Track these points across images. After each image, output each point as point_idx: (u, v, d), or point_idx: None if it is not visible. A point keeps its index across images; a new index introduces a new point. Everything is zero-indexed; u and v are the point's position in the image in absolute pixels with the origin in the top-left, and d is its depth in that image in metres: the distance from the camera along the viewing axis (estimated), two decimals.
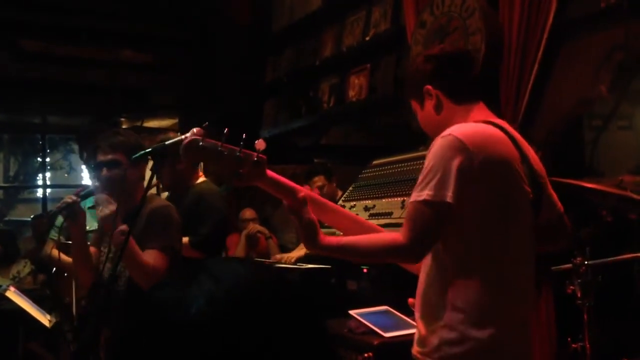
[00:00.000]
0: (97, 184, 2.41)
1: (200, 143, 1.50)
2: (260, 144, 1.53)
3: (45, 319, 3.39)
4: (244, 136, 1.54)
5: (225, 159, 1.50)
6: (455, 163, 1.50)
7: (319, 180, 4.14)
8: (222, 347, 0.59)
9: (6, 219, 11.68)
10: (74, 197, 2.35)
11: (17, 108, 6.27)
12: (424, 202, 1.50)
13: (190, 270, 0.67)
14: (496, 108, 2.84)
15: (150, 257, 2.33)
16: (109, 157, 2.39)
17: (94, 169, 2.46)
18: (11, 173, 12.80)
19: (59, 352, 4.18)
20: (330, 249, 1.61)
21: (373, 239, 1.61)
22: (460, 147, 1.51)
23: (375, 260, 1.74)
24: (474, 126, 1.61)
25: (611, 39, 2.82)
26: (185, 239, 2.93)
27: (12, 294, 3.42)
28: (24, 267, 5.13)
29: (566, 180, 2.13)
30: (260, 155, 1.53)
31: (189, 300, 0.61)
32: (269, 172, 1.56)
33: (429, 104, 1.69)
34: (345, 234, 1.69)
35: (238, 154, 1.51)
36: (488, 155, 1.53)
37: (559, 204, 1.77)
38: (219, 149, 1.50)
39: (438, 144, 1.54)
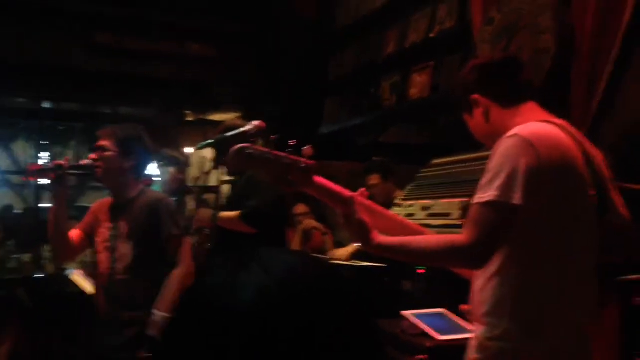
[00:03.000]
0: (87, 165, 2.53)
1: (249, 151, 1.52)
2: (307, 150, 1.54)
3: None
4: (292, 142, 1.56)
5: (273, 166, 1.52)
6: (523, 164, 1.45)
7: (374, 179, 4.11)
8: (270, 337, 0.59)
9: (76, 204, 12.17)
10: (64, 163, 2.49)
11: (89, 99, 6.52)
12: (489, 203, 1.45)
13: (241, 257, 0.66)
14: (565, 110, 2.74)
15: (179, 251, 2.52)
16: (101, 142, 2.54)
17: (91, 151, 2.59)
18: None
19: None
20: (385, 248, 1.59)
21: (431, 239, 1.58)
22: (527, 147, 1.47)
23: (431, 261, 1.68)
24: (540, 126, 1.56)
25: None
26: (236, 213, 3.01)
27: (77, 277, 3.57)
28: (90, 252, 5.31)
29: (636, 187, 2.03)
30: (308, 161, 1.54)
31: (238, 287, 0.61)
32: (317, 178, 1.57)
33: (478, 112, 1.70)
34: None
35: (286, 161, 1.52)
36: (554, 156, 1.48)
37: (625, 211, 1.69)
38: (267, 156, 1.52)
39: (504, 144, 1.50)
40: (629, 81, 2.71)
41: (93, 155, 2.54)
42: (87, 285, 3.55)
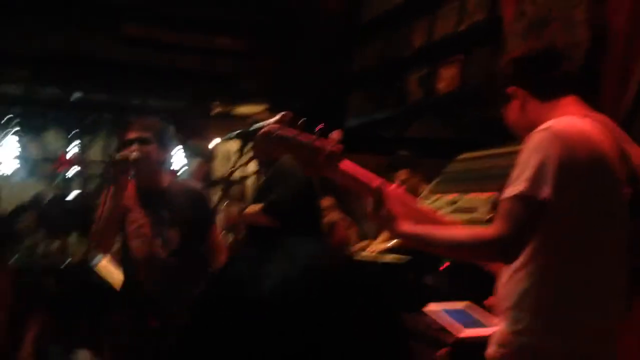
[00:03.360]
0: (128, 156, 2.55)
1: (278, 132, 1.53)
2: (336, 134, 1.54)
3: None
4: (320, 126, 1.55)
5: (300, 149, 1.52)
6: (553, 157, 1.42)
7: (403, 174, 4.09)
8: (292, 325, 0.59)
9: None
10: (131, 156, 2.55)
11: (118, 89, 6.60)
12: (518, 196, 1.43)
13: (266, 247, 0.66)
14: (595, 104, 2.68)
15: (217, 241, 2.64)
16: (140, 134, 2.61)
17: (123, 146, 2.64)
18: (110, 151, 13.53)
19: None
20: (410, 236, 1.58)
21: (459, 230, 1.57)
22: (558, 141, 1.44)
23: (457, 253, 1.65)
24: (572, 120, 1.54)
25: None
26: (259, 206, 3.03)
27: (103, 266, 3.62)
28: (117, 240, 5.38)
29: None
30: (335, 147, 1.53)
31: (262, 277, 0.61)
32: (346, 163, 1.56)
33: (516, 105, 1.68)
34: None
35: (313, 143, 1.52)
36: (584, 151, 1.46)
37: None
38: (295, 138, 1.52)
39: (536, 138, 1.48)
40: None
41: (134, 147, 2.57)
42: (114, 275, 3.59)
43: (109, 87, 6.44)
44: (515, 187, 1.44)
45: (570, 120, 1.54)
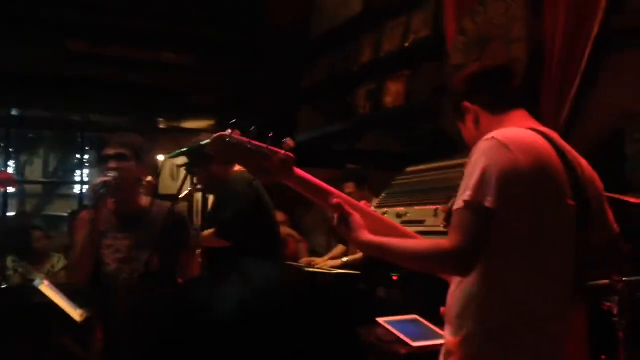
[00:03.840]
0: (103, 177, 2.47)
1: (228, 139, 1.51)
2: (288, 141, 1.53)
3: (76, 314, 3.44)
4: (270, 134, 1.55)
5: (252, 155, 1.51)
6: (497, 165, 1.43)
7: (349, 187, 4.13)
8: (249, 346, 0.59)
9: (43, 213, 11.96)
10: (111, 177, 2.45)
11: (59, 106, 6.42)
12: (466, 204, 1.43)
13: (222, 269, 0.66)
14: (536, 119, 2.78)
15: (193, 263, 2.48)
16: (118, 150, 2.52)
17: (100, 161, 2.55)
18: (50, 169, 13.12)
19: (89, 347, 4.24)
20: (371, 246, 1.58)
21: (419, 242, 1.57)
22: (502, 149, 1.45)
23: (417, 264, 1.64)
24: (517, 131, 1.56)
25: None
26: (212, 230, 2.99)
27: (46, 288, 3.49)
28: (58, 262, 5.22)
29: (608, 195, 2.07)
30: (288, 153, 1.53)
31: (218, 299, 0.61)
32: (298, 171, 1.56)
33: (469, 119, 1.71)
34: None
35: (265, 150, 1.52)
36: (531, 161, 1.46)
37: (615, 225, 1.67)
38: (246, 145, 1.52)
39: (480, 147, 1.50)
40: (598, 90, 2.78)
41: (112, 164, 2.48)
42: (56, 296, 3.47)
43: (49, 103, 6.26)
44: (462, 197, 1.45)
45: (516, 131, 1.56)
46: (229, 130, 1.61)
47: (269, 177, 1.55)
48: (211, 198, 5.46)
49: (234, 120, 1.84)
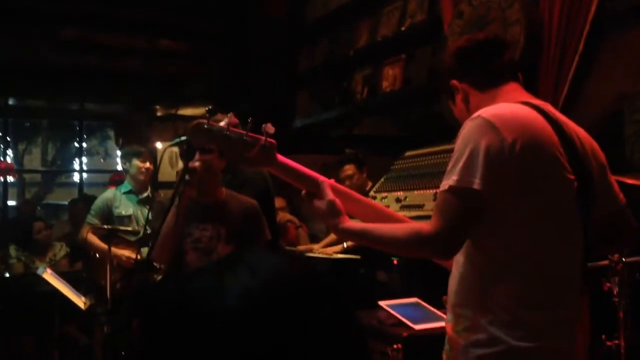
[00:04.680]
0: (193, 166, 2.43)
1: (206, 126, 1.49)
2: (268, 127, 1.50)
3: (80, 301, 3.47)
4: (249, 120, 1.52)
5: (232, 143, 1.49)
6: (483, 146, 1.36)
7: (350, 169, 4.14)
8: (256, 338, 0.59)
9: (44, 202, 11.97)
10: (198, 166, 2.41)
11: (56, 95, 6.40)
12: (451, 189, 1.38)
13: (226, 260, 0.67)
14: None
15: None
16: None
17: (186, 154, 2.51)
18: (49, 158, 13.10)
19: (93, 335, 4.27)
20: (352, 233, 1.55)
21: (398, 227, 1.52)
22: (489, 128, 1.38)
23: (398, 250, 1.61)
24: (506, 106, 1.48)
25: None
26: None
27: (49, 276, 3.51)
28: (59, 250, 5.24)
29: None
30: (269, 139, 1.50)
31: (225, 291, 0.62)
32: (281, 158, 1.53)
33: (459, 98, 1.64)
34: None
35: (245, 137, 1.49)
36: (521, 138, 1.37)
37: (621, 196, 1.59)
38: (226, 132, 1.49)
39: (466, 127, 1.44)
40: (596, 72, 2.78)
41: (199, 156, 2.45)
42: (59, 284, 3.50)
43: (46, 92, 6.24)
44: (448, 180, 1.40)
45: (505, 107, 1.48)
46: (229, 115, 1.59)
47: (251, 164, 1.53)
48: None
49: (210, 107, 1.84)
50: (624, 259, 2.23)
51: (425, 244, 1.41)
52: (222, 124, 1.53)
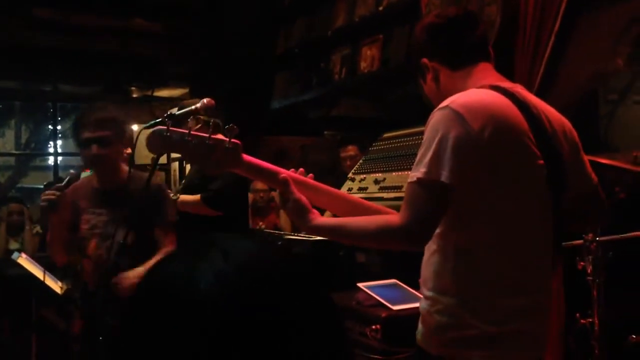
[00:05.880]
0: (85, 160, 2.43)
1: (165, 134, 1.44)
2: (232, 128, 1.46)
3: (57, 286, 3.43)
4: (211, 122, 1.51)
5: (194, 148, 1.44)
6: (452, 137, 1.36)
7: (352, 150, 4.11)
8: (231, 322, 0.59)
9: (18, 185, 11.79)
10: (56, 193, 2.37)
11: (28, 76, 6.27)
12: (419, 181, 1.38)
13: (199, 245, 0.66)
14: (510, 80, 2.79)
15: (166, 238, 2.51)
16: (98, 134, 2.42)
17: (80, 145, 2.46)
18: (22, 141, 12.88)
19: (70, 320, 4.24)
20: (322, 230, 1.53)
21: (367, 220, 1.50)
22: (456, 119, 1.37)
23: (370, 243, 1.59)
24: (475, 94, 1.46)
25: (630, 12, 2.75)
26: (197, 196, 2.98)
27: (24, 261, 3.47)
28: (34, 233, 5.22)
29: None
30: (233, 140, 1.46)
31: (199, 275, 0.61)
32: (247, 157, 1.49)
33: (429, 77, 1.61)
34: (340, 217, 1.60)
35: (207, 141, 1.44)
36: (489, 126, 1.38)
37: (593, 175, 1.61)
38: (186, 138, 1.44)
39: (434, 118, 1.42)
40: (572, 51, 2.79)
41: (95, 150, 2.41)
42: (35, 269, 3.45)
43: (18, 73, 6.11)
44: (416, 172, 1.40)
45: (472, 94, 1.46)
46: (206, 99, 1.55)
47: (216, 168, 1.48)
48: (188, 167, 5.40)
49: (169, 113, 1.80)
50: (597, 238, 2.27)
51: (395, 236, 1.42)
52: (184, 129, 1.48)
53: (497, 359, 1.44)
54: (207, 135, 1.46)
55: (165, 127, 1.45)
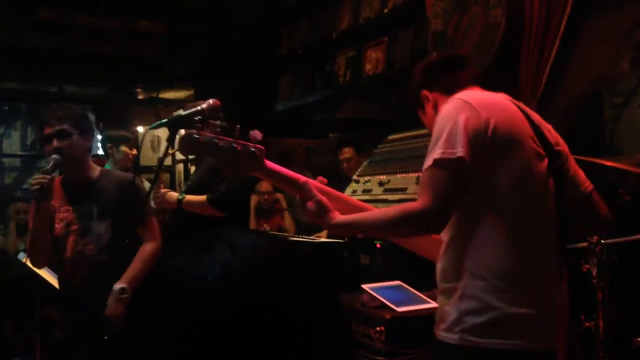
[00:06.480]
0: (52, 156, 2.44)
1: (197, 137, 1.49)
2: (256, 134, 1.52)
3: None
4: (237, 127, 1.54)
5: (223, 152, 1.50)
6: (462, 119, 1.45)
7: (348, 152, 4.13)
8: (236, 316, 0.59)
9: (24, 187, 11.82)
10: (46, 177, 2.37)
11: (34, 77, 6.29)
12: (436, 162, 1.44)
13: (205, 239, 0.66)
14: (515, 84, 2.80)
15: (148, 233, 2.55)
16: (57, 128, 2.46)
17: (42, 142, 2.49)
18: (28, 142, 12.92)
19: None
20: (344, 226, 1.59)
21: (386, 210, 1.56)
22: (465, 105, 1.49)
23: (390, 232, 1.63)
24: (478, 92, 1.60)
25: (634, 16, 2.75)
26: (203, 197, 2.99)
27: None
28: None
29: (585, 158, 2.09)
30: (258, 145, 1.52)
31: (204, 269, 0.61)
32: (268, 163, 1.56)
33: (429, 107, 1.75)
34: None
35: (234, 145, 1.50)
36: (495, 117, 1.47)
37: (587, 183, 1.67)
38: (216, 142, 1.50)
39: (444, 109, 1.53)
40: (577, 54, 2.79)
41: (56, 144, 2.44)
42: (40, 269, 3.46)
43: (23, 74, 6.13)
44: (432, 156, 1.46)
45: (475, 92, 1.60)
46: (211, 100, 1.57)
47: (240, 171, 1.55)
48: (193, 168, 5.42)
49: (200, 117, 1.83)
50: (602, 241, 2.26)
51: (416, 220, 1.46)
52: (211, 131, 1.53)
53: (516, 347, 1.45)
54: (233, 139, 1.51)
55: (197, 131, 1.50)
